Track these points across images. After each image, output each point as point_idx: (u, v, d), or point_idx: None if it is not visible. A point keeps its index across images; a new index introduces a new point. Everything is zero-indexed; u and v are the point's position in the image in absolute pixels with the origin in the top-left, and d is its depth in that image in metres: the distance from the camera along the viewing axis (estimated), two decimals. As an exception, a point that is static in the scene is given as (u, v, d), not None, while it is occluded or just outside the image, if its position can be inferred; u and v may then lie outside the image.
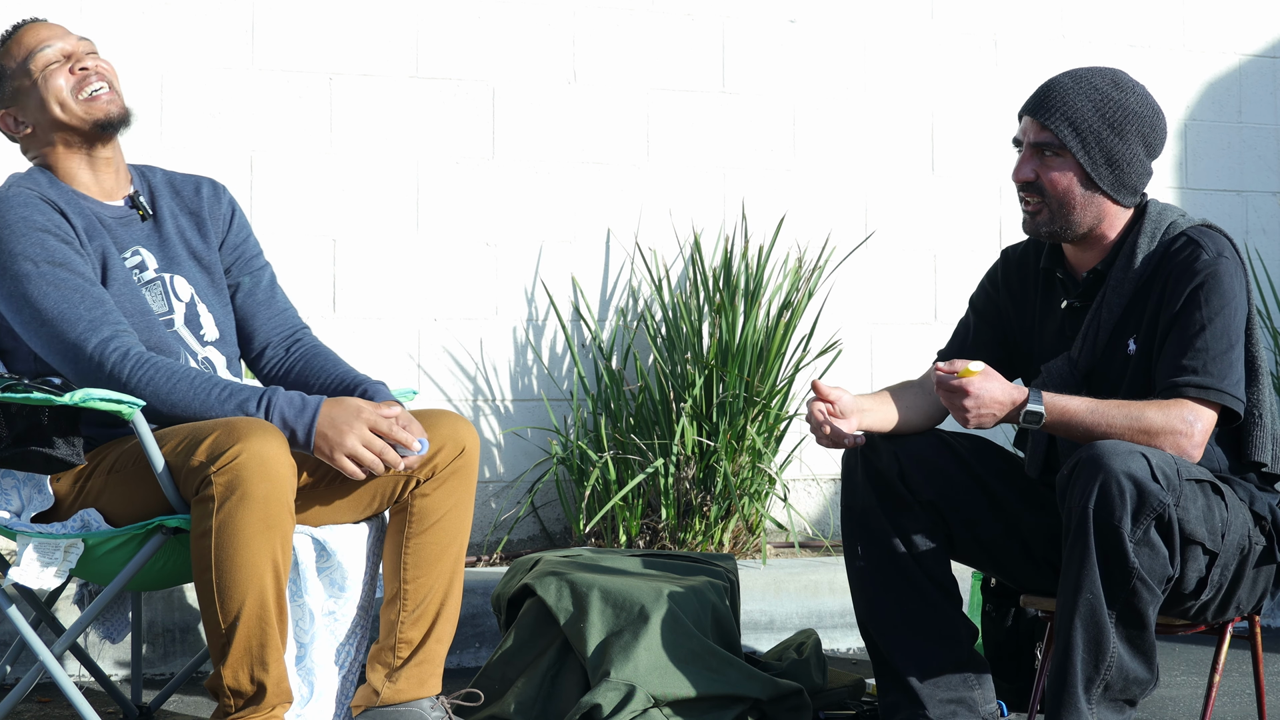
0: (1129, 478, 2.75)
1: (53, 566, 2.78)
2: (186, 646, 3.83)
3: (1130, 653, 2.82)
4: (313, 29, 4.61)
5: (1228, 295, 2.93)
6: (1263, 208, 5.62)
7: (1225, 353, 2.90)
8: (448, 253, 4.75)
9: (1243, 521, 2.91)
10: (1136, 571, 2.76)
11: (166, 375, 2.80)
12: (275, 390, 2.82)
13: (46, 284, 2.84)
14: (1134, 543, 2.76)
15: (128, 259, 3.00)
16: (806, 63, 5.12)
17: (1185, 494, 2.80)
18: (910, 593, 3.04)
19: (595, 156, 4.90)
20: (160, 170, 3.19)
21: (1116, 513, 2.75)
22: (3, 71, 3.02)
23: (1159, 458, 2.79)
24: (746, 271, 4.75)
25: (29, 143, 3.04)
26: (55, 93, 2.99)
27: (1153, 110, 3.04)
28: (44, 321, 2.83)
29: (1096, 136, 2.99)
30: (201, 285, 3.08)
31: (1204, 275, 2.93)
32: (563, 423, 4.79)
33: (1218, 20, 5.58)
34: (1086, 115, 2.99)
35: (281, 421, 2.79)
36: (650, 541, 4.59)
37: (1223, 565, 2.89)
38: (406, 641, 2.98)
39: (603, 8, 4.91)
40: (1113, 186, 3.01)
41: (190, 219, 3.13)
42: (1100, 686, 2.81)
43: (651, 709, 3.12)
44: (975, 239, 5.27)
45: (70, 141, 3.01)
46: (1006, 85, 5.31)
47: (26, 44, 3.01)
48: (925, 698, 3.01)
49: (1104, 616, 2.79)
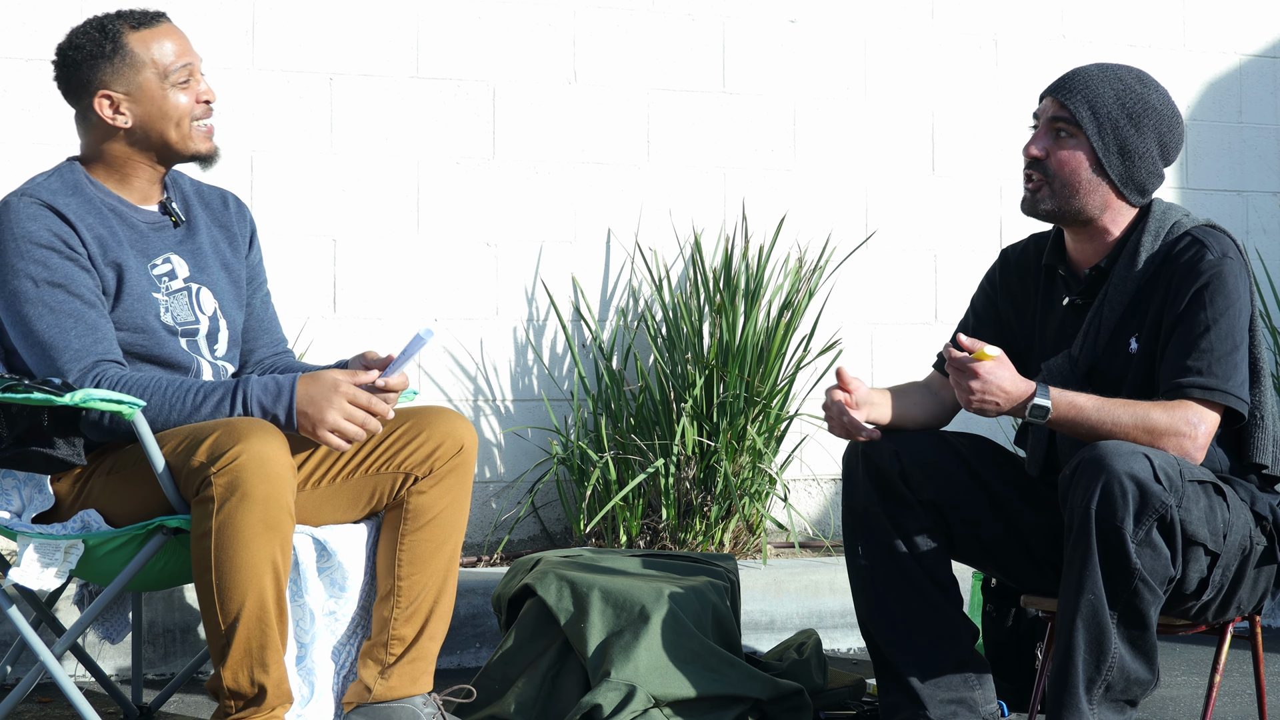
0: (1131, 479, 2.74)
1: (53, 567, 2.78)
2: (187, 647, 3.83)
3: (1132, 653, 2.82)
4: (313, 29, 4.61)
5: (1232, 296, 2.92)
6: (1263, 208, 5.62)
7: (1230, 354, 2.90)
8: (448, 253, 4.75)
9: (1244, 522, 2.90)
10: (1139, 572, 2.76)
11: (139, 392, 2.79)
12: (248, 380, 2.81)
13: (43, 306, 2.81)
14: (1136, 544, 2.75)
15: (156, 266, 2.98)
16: (807, 63, 5.12)
17: (1188, 495, 2.79)
18: (911, 592, 3.04)
19: (595, 156, 4.90)
20: (186, 177, 3.16)
21: (1119, 513, 2.74)
22: (127, 53, 2.93)
23: (1162, 459, 2.79)
24: (747, 271, 4.75)
25: (106, 134, 2.96)
26: (179, 111, 2.94)
27: (1173, 112, 3.04)
28: (34, 343, 2.82)
29: (1113, 123, 2.98)
30: (226, 298, 3.06)
31: (1209, 276, 2.92)
32: (563, 423, 4.79)
33: (1218, 20, 5.58)
34: (1106, 100, 2.99)
35: (260, 409, 2.78)
36: (651, 542, 4.59)
37: (1224, 566, 2.88)
38: (399, 638, 2.98)
39: (603, 8, 4.91)
40: (1121, 178, 3.01)
41: (222, 231, 3.12)
42: (1101, 687, 2.81)
43: (652, 709, 3.12)
44: (976, 239, 5.27)
45: (148, 153, 2.97)
46: (1006, 85, 5.31)
47: (163, 43, 2.95)
48: (926, 698, 3.01)
49: (1106, 617, 2.78)
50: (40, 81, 4.40)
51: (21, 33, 4.37)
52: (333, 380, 2.81)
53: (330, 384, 2.80)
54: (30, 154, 4.38)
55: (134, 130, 2.94)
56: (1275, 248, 5.60)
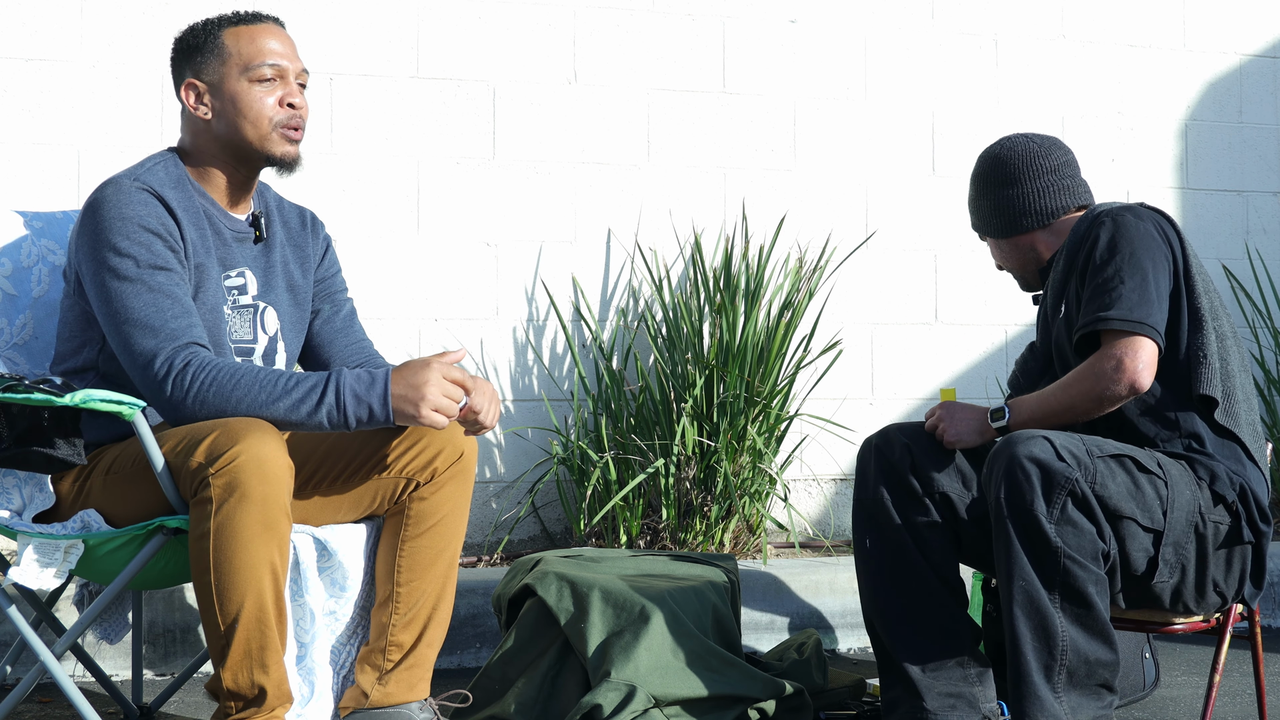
0: (1032, 460, 2.82)
1: (52, 567, 2.78)
2: (187, 647, 3.83)
3: (1083, 633, 2.85)
4: (314, 29, 4.61)
5: (1131, 239, 3.03)
6: (1263, 208, 5.61)
7: (1115, 288, 2.99)
8: (448, 253, 4.75)
9: (1190, 499, 2.93)
10: (1063, 550, 2.81)
11: (229, 374, 2.76)
12: (340, 370, 2.80)
13: (142, 285, 2.80)
14: (1054, 523, 2.81)
15: (230, 278, 2.98)
16: (807, 63, 5.12)
17: (1100, 470, 2.85)
18: (916, 586, 3.07)
19: (595, 156, 4.90)
20: (272, 191, 3.16)
21: (1027, 496, 2.81)
22: (218, 46, 2.95)
23: (1063, 439, 2.86)
24: (747, 271, 4.75)
25: (193, 126, 2.97)
26: (256, 109, 2.94)
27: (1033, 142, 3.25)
28: (127, 321, 2.80)
29: (999, 210, 3.23)
30: (288, 321, 3.06)
31: (1105, 230, 3.05)
32: (563, 423, 4.79)
33: (1218, 20, 5.58)
34: (982, 208, 3.25)
35: (354, 397, 2.76)
36: (651, 541, 4.59)
37: (1174, 544, 2.91)
38: (397, 645, 2.98)
39: (603, 8, 4.91)
40: (1036, 221, 3.21)
41: (295, 251, 3.12)
42: (1061, 673, 2.84)
43: (652, 709, 3.12)
44: (976, 240, 5.27)
45: (227, 151, 2.97)
46: (1006, 85, 5.31)
47: (255, 41, 2.95)
48: (924, 690, 3.03)
49: (1043, 601, 2.83)
50: (40, 81, 4.41)
51: (22, 33, 4.38)
52: (423, 361, 2.80)
53: (423, 364, 2.80)
54: (30, 154, 4.38)
55: (213, 124, 2.96)
56: (1275, 248, 5.60)
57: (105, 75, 4.44)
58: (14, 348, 3.10)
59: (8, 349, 3.09)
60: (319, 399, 2.75)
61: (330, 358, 3.14)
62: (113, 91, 4.45)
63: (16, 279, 3.13)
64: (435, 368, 2.79)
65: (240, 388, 2.75)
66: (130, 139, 4.44)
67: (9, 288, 3.12)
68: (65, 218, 3.22)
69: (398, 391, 2.77)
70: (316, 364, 3.15)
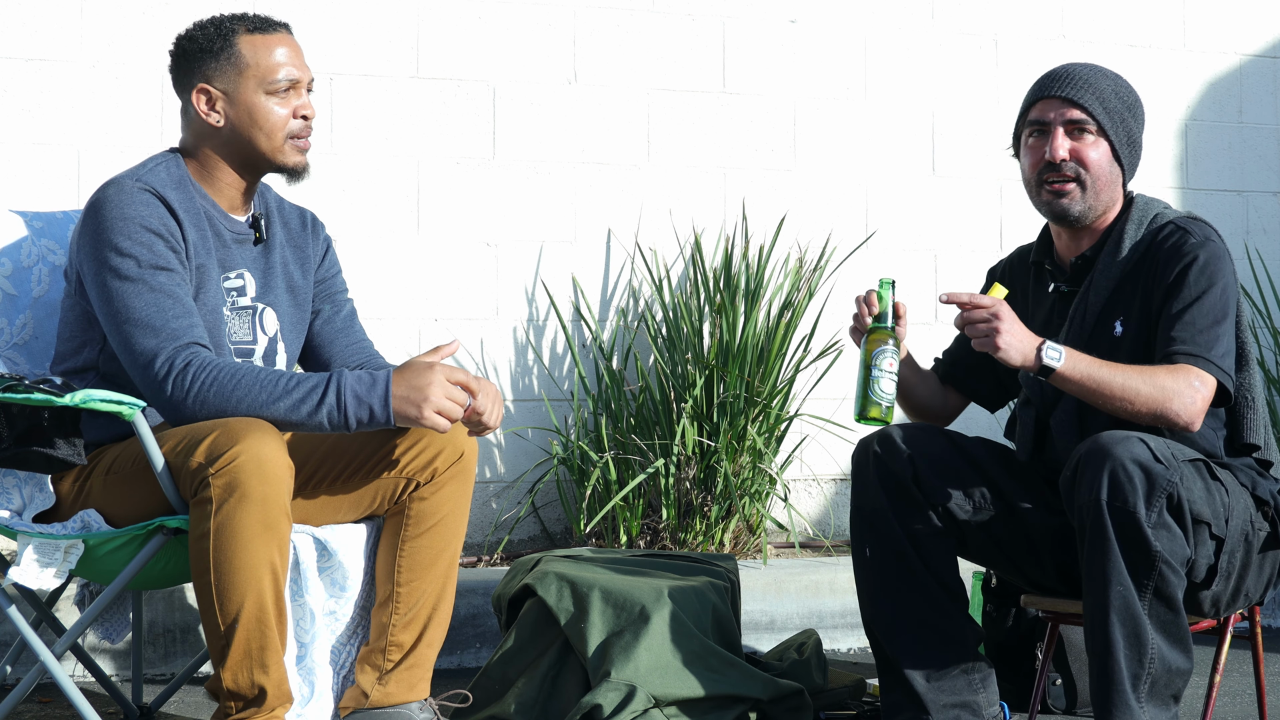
0: (1135, 462, 2.75)
1: (52, 567, 2.77)
2: (187, 646, 3.83)
3: (1168, 642, 2.80)
4: (314, 29, 4.61)
5: (1215, 276, 2.97)
6: (1263, 208, 5.61)
7: (1212, 327, 2.94)
8: (448, 253, 4.75)
9: (1245, 506, 2.91)
10: (1160, 555, 2.75)
11: (230, 374, 2.76)
12: (341, 372, 2.79)
13: (143, 285, 2.80)
14: (1152, 527, 2.75)
15: (229, 280, 2.98)
16: (807, 63, 5.12)
17: (1186, 474, 2.81)
18: (917, 595, 3.03)
19: (595, 156, 4.90)
20: (273, 192, 3.15)
21: (1130, 499, 2.75)
22: (234, 53, 2.94)
23: (1156, 441, 2.81)
24: (747, 271, 4.75)
25: (201, 131, 2.96)
26: (271, 121, 2.94)
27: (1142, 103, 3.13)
28: (128, 320, 2.80)
29: (1120, 117, 3.06)
30: (287, 322, 3.06)
31: (1191, 256, 2.98)
32: (563, 423, 4.79)
33: (1218, 20, 5.58)
34: (1109, 96, 3.05)
35: (354, 398, 2.76)
36: (651, 542, 4.59)
37: (1230, 551, 2.88)
38: (397, 645, 2.98)
39: (603, 8, 4.91)
40: (1130, 169, 3.09)
41: (295, 252, 3.12)
42: (1147, 682, 2.78)
43: (652, 709, 3.12)
44: (976, 239, 5.27)
45: (236, 158, 2.97)
46: (1006, 85, 5.31)
47: (272, 51, 2.94)
48: (929, 701, 3.00)
49: (1138, 609, 2.77)
50: (40, 81, 4.41)
51: (22, 33, 4.37)
52: (425, 363, 2.80)
53: (425, 366, 2.79)
54: (30, 154, 4.38)
55: (225, 131, 2.95)
56: (1275, 248, 5.60)
57: (105, 75, 4.44)
58: (14, 348, 3.10)
59: (8, 349, 3.09)
60: (319, 399, 2.75)
61: (330, 358, 3.14)
62: (113, 91, 4.45)
63: (16, 279, 3.13)
64: (439, 369, 2.79)
65: (241, 388, 2.75)
66: (130, 139, 4.44)
67: (9, 288, 3.12)
68: (65, 218, 3.22)
69: (399, 393, 2.77)
70: (317, 364, 3.15)
